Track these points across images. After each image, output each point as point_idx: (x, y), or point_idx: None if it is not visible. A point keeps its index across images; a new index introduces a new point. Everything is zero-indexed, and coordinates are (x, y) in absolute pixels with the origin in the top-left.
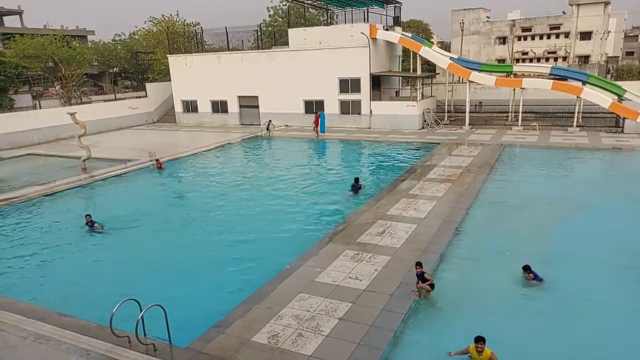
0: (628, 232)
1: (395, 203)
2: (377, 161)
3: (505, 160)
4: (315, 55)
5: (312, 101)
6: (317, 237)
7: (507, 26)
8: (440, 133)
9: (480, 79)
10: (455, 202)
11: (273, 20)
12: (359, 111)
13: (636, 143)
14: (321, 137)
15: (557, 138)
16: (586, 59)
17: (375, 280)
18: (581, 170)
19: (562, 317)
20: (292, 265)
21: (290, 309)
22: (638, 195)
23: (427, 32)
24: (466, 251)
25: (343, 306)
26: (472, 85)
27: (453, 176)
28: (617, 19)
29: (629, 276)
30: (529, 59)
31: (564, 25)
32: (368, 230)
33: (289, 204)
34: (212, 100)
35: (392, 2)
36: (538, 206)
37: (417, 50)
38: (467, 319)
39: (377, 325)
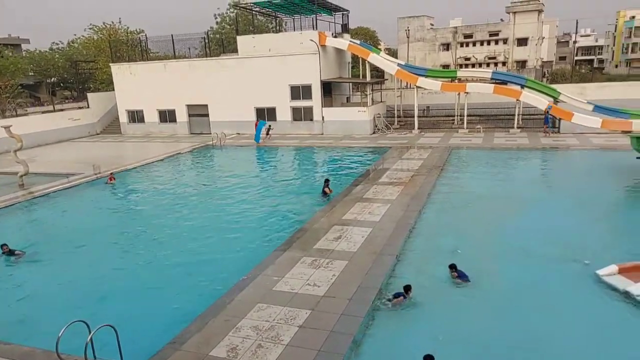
0: (566, 226)
1: (350, 208)
2: (331, 167)
3: (453, 162)
4: (265, 63)
5: (263, 108)
6: (273, 245)
7: (450, 33)
8: (391, 137)
9: (427, 84)
10: (408, 204)
11: (221, 27)
12: (311, 117)
13: (571, 142)
14: (263, 145)
15: (500, 139)
16: (523, 63)
17: (333, 285)
18: (523, 169)
19: (512, 310)
20: (249, 276)
21: (249, 320)
22: (574, 191)
23: (374, 39)
24: (420, 251)
25: (302, 314)
26: (420, 90)
27: (405, 179)
28: (550, 26)
29: (569, 268)
30: (472, 64)
31: (502, 32)
32: (325, 236)
33: (243, 214)
34: (160, 109)
35: (339, 9)
36: (485, 204)
37: (366, 57)
38: (426, 319)
39: (336, 330)
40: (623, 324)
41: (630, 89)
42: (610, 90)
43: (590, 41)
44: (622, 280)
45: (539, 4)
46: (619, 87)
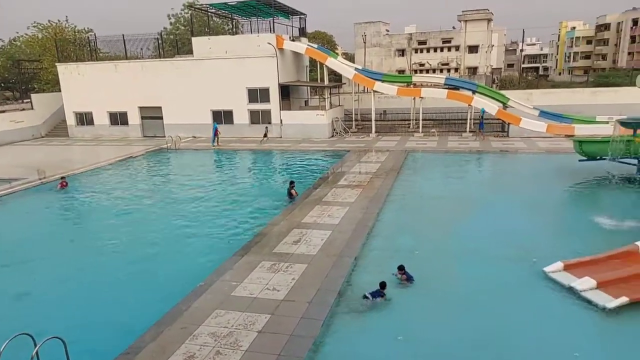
0: (516, 226)
1: (309, 211)
2: (290, 170)
3: (409, 165)
4: (221, 65)
5: (220, 111)
6: (232, 250)
7: (405, 39)
8: (350, 141)
9: (383, 89)
10: (366, 206)
11: (175, 28)
12: (270, 121)
13: (520, 146)
14: (218, 148)
15: (454, 143)
16: (474, 70)
17: (293, 289)
18: (475, 172)
19: (467, 308)
20: (206, 282)
21: (207, 327)
22: (523, 193)
23: (332, 44)
24: (379, 253)
25: (262, 318)
26: (377, 94)
27: (363, 182)
28: (499, 35)
29: (519, 266)
30: (426, 70)
31: (454, 40)
32: (284, 239)
33: (199, 219)
34: (110, 111)
35: (297, 13)
36: (441, 206)
37: (324, 61)
38: (385, 319)
39: (296, 334)
40: (568, 317)
41: (572, 96)
42: (554, 97)
43: (535, 50)
44: (567, 276)
45: (488, 13)
46: (562, 93)
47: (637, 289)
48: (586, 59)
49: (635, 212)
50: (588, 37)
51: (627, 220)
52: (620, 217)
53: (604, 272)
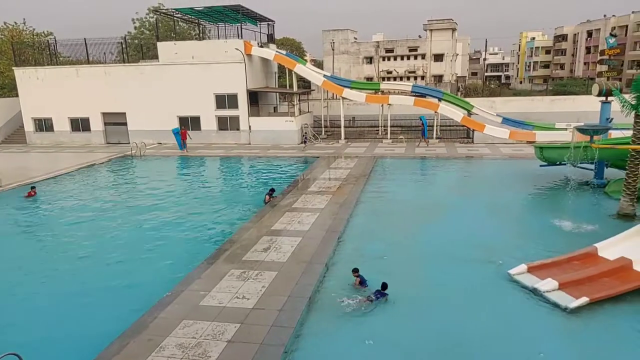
0: (482, 230)
1: (279, 217)
2: (259, 177)
3: (378, 171)
4: (188, 70)
5: (187, 117)
6: (200, 259)
7: (372, 47)
8: (319, 147)
9: (352, 96)
10: (336, 212)
11: (139, 32)
12: (238, 127)
13: (484, 151)
14: (186, 154)
15: (421, 149)
16: (440, 78)
17: (263, 297)
18: (442, 177)
19: (436, 311)
20: (173, 292)
21: (174, 338)
22: (488, 197)
23: (300, 50)
24: (349, 259)
25: (231, 328)
26: (346, 101)
27: (333, 188)
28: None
29: (485, 269)
30: (393, 77)
31: (420, 48)
32: (253, 247)
33: (166, 227)
34: (72, 117)
35: (265, 19)
36: (409, 211)
37: (292, 68)
38: (355, 324)
39: (267, 342)
40: (532, 317)
41: (533, 103)
42: (516, 104)
43: (498, 59)
44: (531, 278)
45: (452, 23)
46: (523, 101)
47: (596, 289)
48: (545, 68)
49: (593, 215)
50: (547, 47)
51: (585, 223)
52: (579, 220)
53: (565, 273)
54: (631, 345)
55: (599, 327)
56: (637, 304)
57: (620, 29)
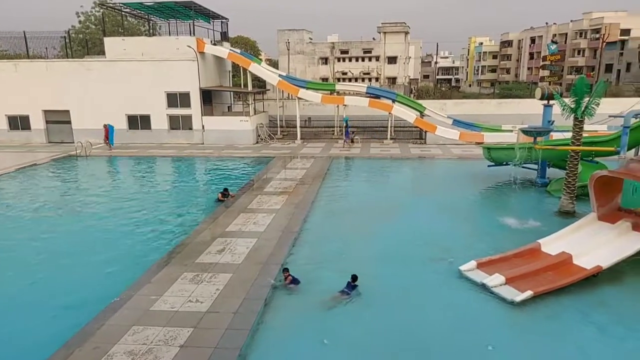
0: (434, 229)
1: (234, 219)
2: (213, 177)
3: (334, 171)
4: (138, 67)
5: (136, 116)
6: (150, 262)
7: (327, 48)
8: (275, 147)
9: (307, 96)
10: (292, 213)
11: (84, 27)
12: (190, 126)
13: (436, 152)
14: (137, 154)
15: (376, 149)
16: (394, 80)
17: (217, 300)
18: (397, 177)
19: (391, 309)
20: (121, 297)
21: (123, 345)
22: (440, 196)
23: (255, 49)
24: (305, 259)
25: (184, 332)
26: (301, 101)
27: (289, 188)
28: (415, 47)
29: (437, 266)
30: (348, 78)
31: (374, 50)
32: (207, 249)
33: (115, 230)
34: (9, 115)
35: (218, 17)
36: (365, 211)
37: (247, 67)
38: (311, 324)
39: (221, 346)
40: (482, 312)
41: (481, 106)
42: (465, 107)
43: (448, 62)
44: (480, 274)
45: (405, 26)
46: (472, 103)
47: (539, 282)
48: (492, 72)
49: (537, 213)
50: (494, 52)
51: (530, 220)
52: (524, 218)
53: (511, 268)
54: (572, 334)
55: (543, 319)
56: (577, 296)
57: (560, 36)
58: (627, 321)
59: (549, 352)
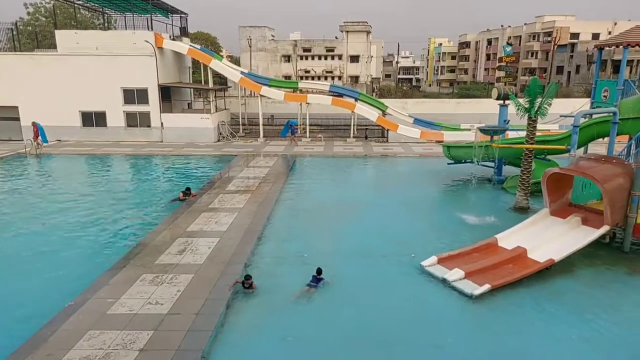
0: (396, 225)
1: (195, 218)
2: (172, 176)
3: (298, 169)
4: (92, 62)
5: (91, 112)
6: (107, 264)
7: (290, 46)
8: (237, 145)
9: (270, 94)
10: (255, 211)
11: (34, 19)
12: (149, 124)
13: (398, 150)
14: (92, 153)
15: (339, 148)
16: (356, 79)
17: (178, 301)
18: (360, 175)
19: (355, 306)
20: (76, 301)
21: (78, 350)
22: (402, 194)
23: (216, 46)
24: (269, 258)
25: (144, 335)
26: (264, 99)
27: (252, 187)
28: (377, 47)
29: (400, 262)
30: (311, 76)
31: (337, 49)
32: (167, 249)
33: (68, 232)
34: None
35: (177, 12)
36: (329, 208)
37: (208, 63)
38: (275, 322)
39: (183, 348)
40: (442, 306)
41: (440, 105)
42: (426, 106)
43: (409, 62)
44: (441, 269)
45: (367, 25)
46: (432, 103)
47: (497, 276)
48: (451, 73)
49: (494, 209)
50: (452, 53)
51: (487, 216)
52: (482, 214)
53: (470, 263)
54: (528, 325)
55: (500, 311)
56: (532, 288)
57: (515, 38)
58: (578, 311)
59: (506, 343)
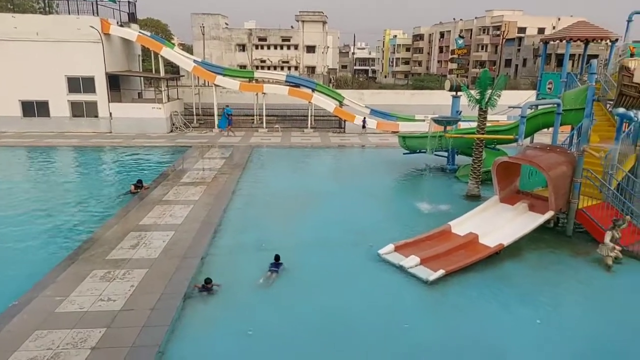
0: (354, 215)
1: (148, 212)
2: (123, 169)
3: (255, 160)
4: (32, 48)
5: (32, 102)
6: (54, 261)
7: (245, 34)
8: (191, 136)
9: (225, 83)
10: (212, 204)
11: None
12: (96, 114)
13: (355, 141)
14: (35, 145)
15: (297, 138)
16: (313, 69)
17: (132, 297)
18: (317, 166)
19: (315, 295)
20: (20, 301)
21: (24, 351)
22: (359, 184)
23: (166, 33)
24: (226, 250)
25: (95, 333)
26: (219, 89)
27: (208, 178)
28: (333, 37)
29: (358, 251)
30: (267, 66)
31: (293, 39)
32: (119, 244)
33: (10, 227)
34: None
35: None
36: (287, 199)
37: (159, 51)
38: (234, 316)
39: (138, 344)
40: (399, 292)
41: (396, 97)
42: (382, 97)
43: (365, 53)
44: (397, 256)
45: (323, 16)
46: (388, 94)
47: (451, 262)
48: (406, 65)
49: (447, 197)
50: (407, 45)
51: (441, 204)
52: (436, 202)
53: (425, 250)
54: (479, 307)
55: (454, 294)
56: (483, 272)
57: (466, 32)
58: (525, 292)
59: (459, 324)
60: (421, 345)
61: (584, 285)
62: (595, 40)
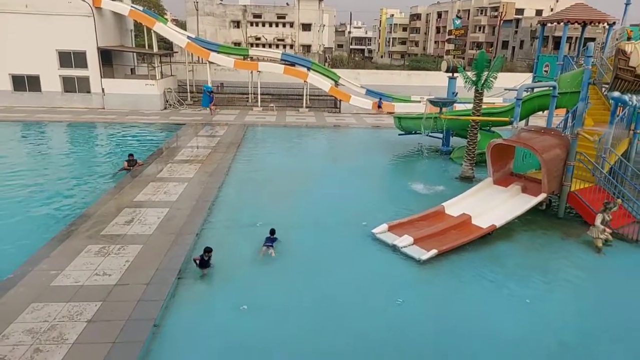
0: (349, 194)
1: (142, 188)
2: (117, 145)
3: (249, 139)
4: (21, 20)
5: (22, 76)
6: (48, 236)
7: (239, 11)
8: (185, 114)
9: (219, 60)
10: (206, 181)
11: None
12: (88, 89)
13: (350, 121)
14: (40, 119)
15: (292, 118)
16: (308, 48)
17: (127, 272)
18: (312, 145)
19: (310, 273)
20: (16, 274)
21: (21, 323)
22: (354, 164)
23: (159, 8)
24: (221, 228)
25: (91, 307)
26: (213, 66)
27: (202, 156)
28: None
29: (352, 230)
30: (262, 44)
31: (288, 16)
32: (114, 220)
33: (3, 202)
34: None
35: None
36: (281, 178)
37: (151, 26)
38: (228, 292)
39: (134, 318)
40: (392, 270)
41: (392, 77)
42: (377, 77)
43: (361, 33)
44: (391, 236)
45: None
46: (384, 74)
47: (443, 242)
48: (403, 45)
49: (441, 178)
50: (404, 24)
51: (435, 185)
52: (430, 183)
53: (419, 229)
54: (470, 286)
55: (446, 274)
56: (475, 253)
57: (464, 12)
58: (516, 272)
59: (451, 304)
60: (414, 319)
61: (574, 267)
62: (592, 23)
